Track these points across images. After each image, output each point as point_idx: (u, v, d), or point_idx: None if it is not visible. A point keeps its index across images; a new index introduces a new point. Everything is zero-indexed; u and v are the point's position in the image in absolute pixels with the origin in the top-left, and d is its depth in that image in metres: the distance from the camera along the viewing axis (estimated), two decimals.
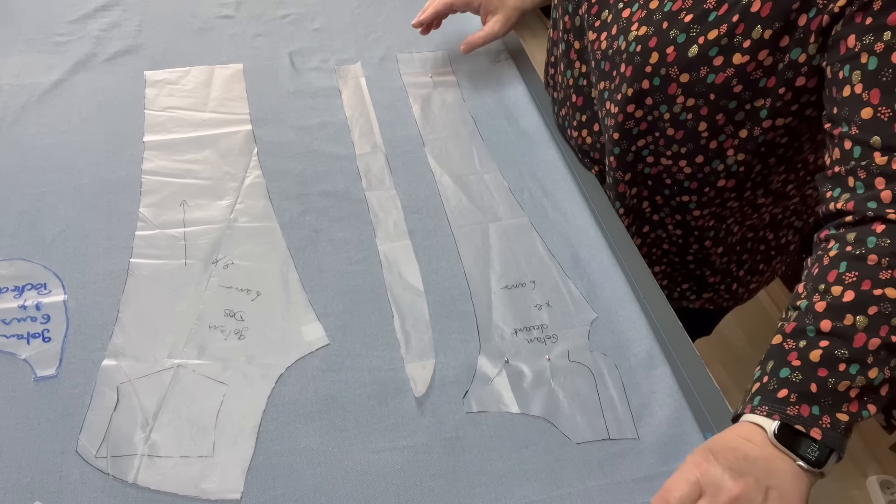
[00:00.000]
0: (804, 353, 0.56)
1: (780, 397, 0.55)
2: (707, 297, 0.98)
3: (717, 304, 0.99)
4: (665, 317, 0.76)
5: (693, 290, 0.97)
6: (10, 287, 0.72)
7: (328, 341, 0.70)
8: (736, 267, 0.94)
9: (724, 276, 0.95)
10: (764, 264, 0.96)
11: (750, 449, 0.54)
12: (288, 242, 0.79)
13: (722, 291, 0.97)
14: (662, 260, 0.94)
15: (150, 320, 0.71)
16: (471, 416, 0.66)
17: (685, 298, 0.99)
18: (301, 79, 1.01)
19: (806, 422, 0.54)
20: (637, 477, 0.62)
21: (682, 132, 0.76)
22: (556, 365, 0.70)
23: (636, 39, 0.72)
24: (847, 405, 0.55)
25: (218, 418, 0.64)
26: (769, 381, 0.57)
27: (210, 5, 1.13)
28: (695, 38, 0.68)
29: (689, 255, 0.91)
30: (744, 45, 0.66)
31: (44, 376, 0.66)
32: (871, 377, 0.54)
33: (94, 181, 0.84)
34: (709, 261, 0.91)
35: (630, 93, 0.75)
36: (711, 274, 0.94)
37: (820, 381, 0.55)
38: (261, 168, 0.87)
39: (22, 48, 1.01)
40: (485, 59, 1.07)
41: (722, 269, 0.93)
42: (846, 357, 0.54)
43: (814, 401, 0.55)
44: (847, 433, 0.55)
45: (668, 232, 0.90)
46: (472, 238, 0.81)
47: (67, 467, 0.60)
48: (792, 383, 0.55)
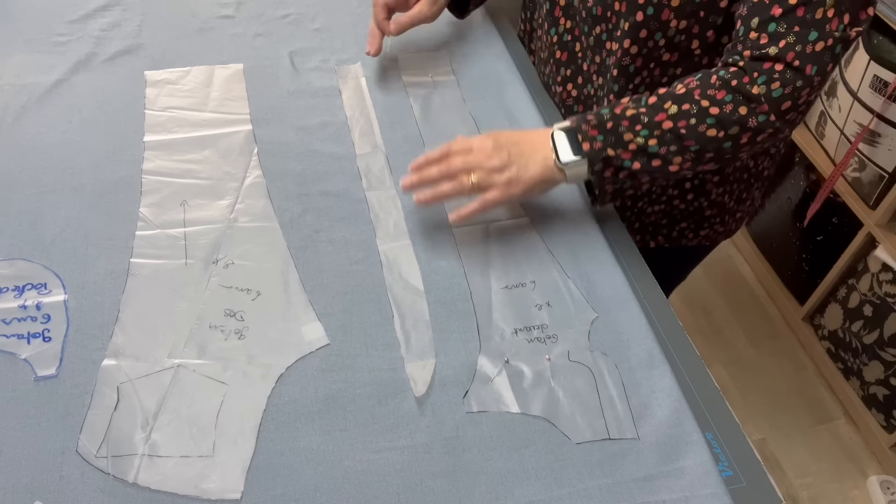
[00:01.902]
0: (625, 109, 0.74)
1: (587, 119, 0.74)
2: (704, 233, 1.03)
3: (713, 240, 1.06)
4: (665, 317, 0.76)
5: (691, 227, 1.02)
6: (10, 287, 0.72)
7: (328, 341, 0.70)
8: (728, 197, 0.98)
9: (719, 210, 1.00)
10: (746, 192, 1.01)
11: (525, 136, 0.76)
12: (288, 242, 0.79)
13: (717, 225, 1.02)
14: (661, 198, 0.97)
15: (151, 320, 0.71)
16: (471, 416, 0.66)
17: (684, 237, 1.03)
18: (301, 79, 1.01)
19: (585, 136, 0.74)
20: (637, 477, 0.62)
21: (677, 54, 0.83)
22: (556, 365, 0.70)
23: None
24: (621, 150, 0.73)
25: (218, 418, 0.64)
26: (593, 111, 0.76)
27: (210, 5, 1.13)
28: None
29: (687, 183, 0.96)
30: None
31: (44, 376, 0.66)
32: (650, 144, 0.72)
33: (94, 181, 0.84)
34: (705, 189, 0.96)
35: (627, 27, 0.81)
36: (708, 206, 0.98)
37: (618, 126, 0.73)
38: (261, 168, 0.87)
39: (22, 48, 1.01)
40: (485, 59, 1.07)
41: (718, 202, 0.98)
42: (644, 122, 0.73)
43: (603, 132, 0.73)
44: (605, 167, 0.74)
45: None
46: (472, 238, 0.81)
47: (67, 467, 0.60)
48: (601, 117, 0.74)
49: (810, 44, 0.68)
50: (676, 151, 0.73)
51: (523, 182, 0.75)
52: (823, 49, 0.69)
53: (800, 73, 0.69)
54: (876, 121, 1.49)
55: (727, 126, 0.71)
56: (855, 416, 1.74)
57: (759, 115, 0.71)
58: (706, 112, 0.71)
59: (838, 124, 1.62)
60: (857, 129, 1.55)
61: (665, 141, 0.72)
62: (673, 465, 0.63)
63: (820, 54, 0.69)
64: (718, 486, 0.62)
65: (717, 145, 0.72)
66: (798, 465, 1.67)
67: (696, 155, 0.73)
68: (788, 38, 0.69)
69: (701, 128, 0.71)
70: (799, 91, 0.70)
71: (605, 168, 0.74)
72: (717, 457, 0.65)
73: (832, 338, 1.80)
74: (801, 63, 0.69)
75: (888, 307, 1.58)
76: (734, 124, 0.71)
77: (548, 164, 0.75)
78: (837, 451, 1.69)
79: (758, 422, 1.76)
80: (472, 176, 0.74)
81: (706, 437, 0.65)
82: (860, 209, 1.60)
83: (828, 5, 0.67)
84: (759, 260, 2.06)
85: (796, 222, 1.88)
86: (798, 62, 0.69)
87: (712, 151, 0.73)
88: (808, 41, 0.68)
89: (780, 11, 0.69)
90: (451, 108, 0.98)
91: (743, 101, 0.71)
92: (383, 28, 0.96)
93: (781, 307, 1.98)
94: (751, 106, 0.70)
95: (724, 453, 0.66)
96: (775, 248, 2.00)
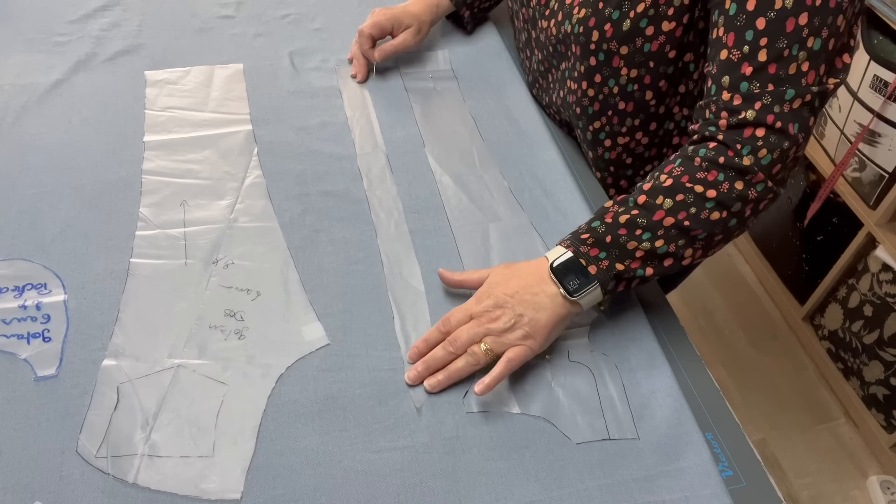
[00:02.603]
0: (616, 216, 0.69)
1: (582, 238, 0.69)
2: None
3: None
4: (665, 317, 0.76)
5: None
6: (10, 287, 0.72)
7: (328, 341, 0.70)
8: None
9: None
10: None
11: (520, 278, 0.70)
12: (288, 242, 0.79)
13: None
14: None
15: (150, 320, 0.71)
16: (471, 416, 0.66)
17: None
18: (301, 79, 1.01)
19: (589, 259, 0.68)
20: (637, 477, 0.62)
21: (632, 103, 0.83)
22: (556, 365, 0.70)
23: (578, 21, 0.78)
24: (629, 261, 0.68)
25: (218, 418, 0.64)
26: (582, 228, 0.71)
27: (210, 5, 1.13)
28: (626, 12, 0.74)
29: None
30: (668, 13, 0.73)
31: (44, 376, 0.66)
32: (657, 246, 0.68)
33: (94, 181, 0.84)
34: None
35: (582, 69, 0.82)
36: None
37: (616, 236, 0.68)
38: (261, 168, 0.87)
39: (22, 48, 1.01)
40: (485, 59, 1.07)
41: None
42: (644, 225, 0.68)
43: (604, 248, 0.68)
44: (619, 283, 0.69)
45: None
46: (472, 238, 0.81)
47: (67, 467, 0.60)
48: (596, 232, 0.69)
49: (787, 102, 0.65)
50: (685, 245, 0.69)
51: (540, 333, 0.67)
52: (802, 105, 0.65)
53: (784, 134, 0.66)
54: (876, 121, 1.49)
55: (729, 205, 0.67)
56: (855, 416, 1.74)
57: (756, 185, 0.67)
58: (703, 197, 0.67)
59: (838, 124, 1.62)
60: (857, 129, 1.55)
61: (671, 238, 0.68)
62: (673, 465, 0.63)
63: (799, 111, 0.65)
64: (718, 486, 0.62)
65: (723, 226, 0.68)
66: (798, 465, 1.67)
67: (706, 241, 0.69)
68: (764, 98, 0.65)
69: (703, 214, 0.67)
70: (786, 152, 0.67)
71: (618, 284, 0.70)
72: (717, 457, 0.65)
73: (832, 338, 1.80)
74: (783, 124, 0.65)
75: (888, 307, 1.58)
76: (736, 201, 0.67)
77: (558, 302, 0.68)
78: (837, 451, 1.69)
79: (758, 422, 1.76)
80: (483, 344, 0.67)
81: (706, 437, 0.65)
82: (860, 209, 1.60)
83: (801, 59, 0.64)
84: (759, 260, 2.06)
85: (796, 222, 1.88)
86: (780, 123, 0.65)
87: (720, 233, 0.69)
88: (785, 100, 0.65)
89: (750, 70, 0.65)
90: (451, 108, 0.98)
91: (737, 175, 0.67)
92: (368, 56, 1.01)
93: (781, 307, 1.98)
94: (746, 178, 0.67)
95: (724, 453, 0.66)
96: (775, 248, 2.00)
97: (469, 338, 0.68)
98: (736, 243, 2.15)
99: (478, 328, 0.68)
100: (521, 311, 0.67)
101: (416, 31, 1.01)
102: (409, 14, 1.01)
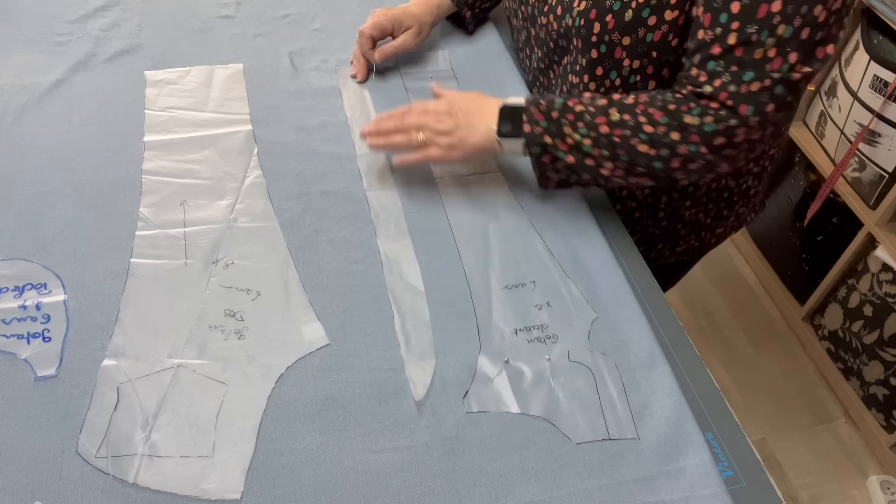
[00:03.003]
0: (576, 104, 0.76)
1: (541, 102, 0.78)
2: (680, 249, 1.04)
3: (690, 254, 1.08)
4: (665, 317, 0.76)
5: (668, 248, 1.03)
6: (10, 287, 0.72)
7: (328, 341, 0.70)
8: (703, 216, 0.99)
9: (693, 227, 1.00)
10: (727, 210, 1.01)
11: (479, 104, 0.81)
12: (288, 242, 0.79)
13: (692, 241, 1.03)
14: (637, 228, 0.99)
15: (150, 320, 0.71)
16: (471, 416, 0.66)
17: (661, 257, 1.05)
18: (301, 79, 1.01)
19: (531, 119, 0.77)
20: (637, 477, 0.62)
21: None
22: (556, 365, 0.70)
23: (579, 14, 0.79)
24: (559, 142, 0.77)
25: (218, 418, 0.64)
26: (551, 96, 0.79)
27: (210, 5, 1.13)
28: (628, 3, 0.75)
29: (660, 213, 0.97)
30: (671, 2, 0.73)
31: (44, 376, 0.66)
32: (585, 143, 0.75)
33: (94, 181, 0.84)
34: (678, 214, 0.97)
35: (584, 63, 0.83)
36: (682, 227, 1.00)
37: (562, 117, 0.76)
38: (261, 168, 0.87)
39: (22, 48, 1.01)
40: (485, 60, 1.07)
41: (691, 221, 0.99)
42: (587, 122, 0.75)
43: (548, 120, 0.77)
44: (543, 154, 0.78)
45: (636, 199, 0.95)
46: (472, 238, 0.81)
47: (67, 467, 0.60)
48: (553, 105, 0.77)
49: (745, 84, 0.68)
50: (608, 157, 0.75)
51: (463, 149, 0.81)
52: (760, 90, 0.68)
53: (733, 112, 0.69)
54: (876, 121, 1.49)
55: (657, 146, 0.73)
56: (855, 416, 1.74)
57: (689, 143, 0.72)
58: (641, 128, 0.73)
59: (838, 124, 1.62)
60: (857, 129, 1.55)
61: (599, 144, 0.75)
62: (673, 465, 0.63)
63: (756, 94, 0.68)
64: (718, 486, 0.62)
65: (647, 162, 0.74)
66: (798, 465, 1.67)
67: (627, 166, 0.75)
68: (724, 77, 0.69)
69: (633, 141, 0.73)
70: (733, 130, 0.70)
71: (542, 153, 0.78)
72: (717, 457, 0.65)
73: (832, 338, 1.80)
74: (735, 103, 0.69)
75: (888, 307, 1.58)
76: (664, 147, 0.72)
77: (490, 137, 0.79)
78: (837, 451, 1.69)
79: (758, 422, 1.76)
80: (420, 134, 0.81)
81: (706, 437, 0.65)
82: (860, 209, 1.60)
83: (768, 45, 0.66)
84: (759, 260, 2.06)
85: (796, 222, 1.88)
86: (731, 102, 0.69)
87: (643, 167, 0.75)
88: (742, 81, 0.68)
89: (719, 51, 0.69)
90: None
91: (676, 126, 0.72)
92: (368, 57, 1.01)
93: (781, 307, 1.98)
94: (683, 133, 0.71)
95: (724, 453, 0.66)
96: (775, 248, 2.00)
97: (415, 123, 0.82)
98: (736, 243, 2.15)
99: (424, 119, 0.81)
100: (460, 126, 0.80)
101: (417, 33, 1.01)
102: (410, 15, 1.01)
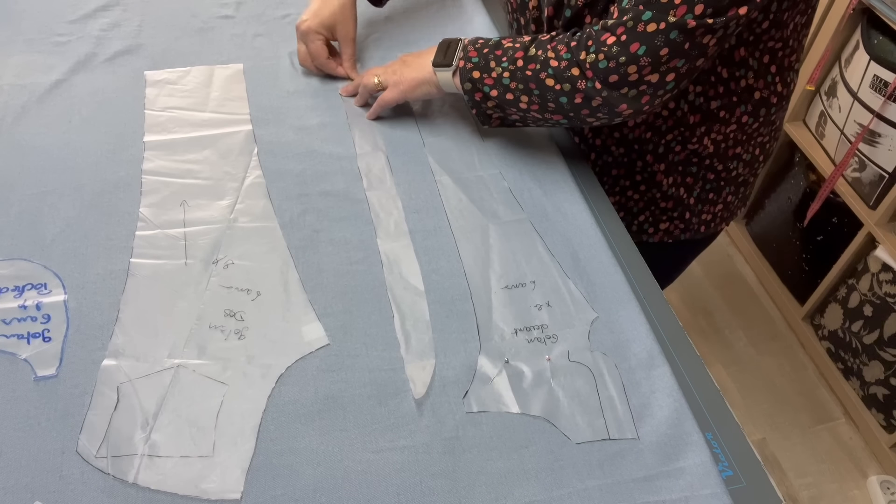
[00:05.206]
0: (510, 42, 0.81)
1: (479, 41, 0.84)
2: (663, 227, 1.03)
3: (675, 237, 1.06)
4: (665, 317, 0.76)
5: (649, 221, 1.03)
6: (10, 287, 0.72)
7: (328, 341, 0.70)
8: (685, 193, 0.99)
9: (675, 203, 1.00)
10: (714, 193, 1.01)
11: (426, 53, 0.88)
12: (288, 242, 0.79)
13: (676, 220, 1.02)
14: (615, 188, 1.00)
15: (150, 320, 0.71)
16: (471, 416, 0.66)
17: (644, 232, 1.04)
18: (301, 79, 1.01)
19: (465, 54, 0.83)
20: (637, 477, 0.62)
21: None
22: (556, 365, 0.70)
23: None
24: (485, 76, 0.82)
25: (218, 418, 0.64)
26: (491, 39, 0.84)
27: (210, 5, 1.13)
28: None
29: (637, 175, 0.97)
30: None
31: (44, 376, 0.66)
32: (505, 76, 0.80)
33: (94, 181, 0.84)
34: (655, 180, 0.97)
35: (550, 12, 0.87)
36: (662, 198, 0.99)
37: (491, 53, 0.82)
38: (261, 168, 0.87)
39: (22, 48, 1.01)
40: None
41: (672, 195, 0.99)
42: (510, 58, 0.80)
43: (480, 56, 0.82)
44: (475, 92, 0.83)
45: (612, 155, 0.96)
46: (472, 238, 0.81)
47: (67, 467, 0.60)
48: (488, 43, 0.83)
49: (643, 23, 0.70)
50: (523, 91, 0.80)
51: (404, 83, 0.88)
52: (656, 31, 0.70)
53: (625, 49, 0.71)
54: (876, 121, 1.49)
55: (561, 81, 0.77)
56: (855, 416, 1.74)
57: (587, 80, 0.75)
58: (548, 62, 0.77)
59: (838, 124, 1.62)
60: (857, 129, 1.55)
61: (516, 77, 0.79)
62: (673, 465, 0.63)
63: (650, 35, 0.70)
64: (718, 486, 0.62)
65: (555, 97, 0.78)
66: (798, 465, 1.67)
67: (540, 100, 0.79)
68: (629, 13, 0.71)
69: (542, 75, 0.78)
70: (624, 67, 0.72)
71: (473, 90, 0.83)
72: (717, 457, 0.65)
73: (832, 338, 1.80)
74: (628, 39, 0.71)
75: (888, 307, 1.58)
76: (566, 81, 0.76)
77: (426, 67, 0.86)
78: (837, 451, 1.69)
79: (758, 422, 1.76)
80: (376, 78, 0.91)
81: (706, 437, 0.65)
82: (860, 209, 1.60)
83: None
84: (759, 260, 2.06)
85: (796, 222, 1.88)
86: (625, 37, 0.71)
87: (553, 102, 0.79)
88: (641, 20, 0.70)
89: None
90: (451, 108, 0.98)
91: (575, 63, 0.75)
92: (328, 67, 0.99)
93: (781, 307, 1.98)
94: (581, 69, 0.75)
95: (724, 453, 0.66)
96: (775, 248, 2.00)
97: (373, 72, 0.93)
98: (736, 243, 2.15)
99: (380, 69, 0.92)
100: (407, 66, 0.89)
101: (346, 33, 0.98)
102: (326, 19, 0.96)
